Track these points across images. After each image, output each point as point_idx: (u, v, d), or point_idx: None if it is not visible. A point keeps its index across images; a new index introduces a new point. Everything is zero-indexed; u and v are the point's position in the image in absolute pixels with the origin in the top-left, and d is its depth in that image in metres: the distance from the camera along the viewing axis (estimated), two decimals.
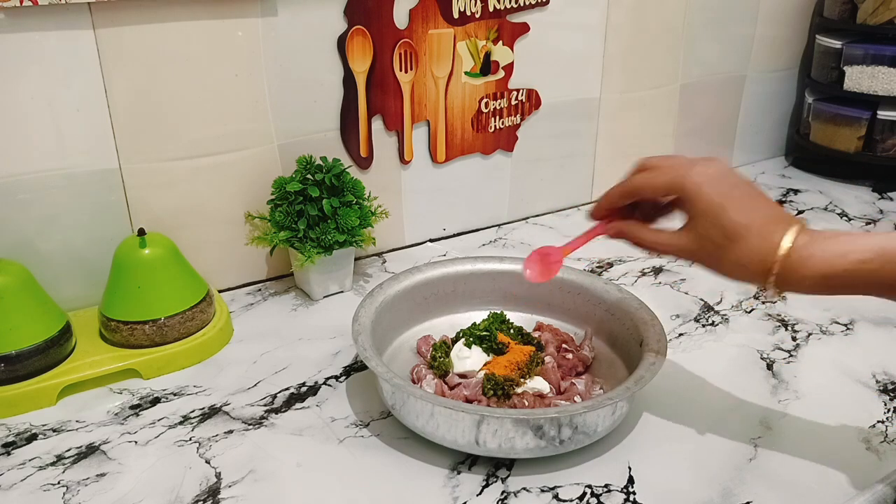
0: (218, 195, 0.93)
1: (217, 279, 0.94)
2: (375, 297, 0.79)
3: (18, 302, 0.75)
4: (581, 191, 1.24)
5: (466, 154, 1.10)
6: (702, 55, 1.26)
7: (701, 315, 0.91)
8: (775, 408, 0.74)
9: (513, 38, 1.07)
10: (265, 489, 0.64)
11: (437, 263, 0.87)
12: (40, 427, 0.72)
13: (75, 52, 0.79)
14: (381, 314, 0.78)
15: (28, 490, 0.64)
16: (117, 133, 0.84)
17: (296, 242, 0.90)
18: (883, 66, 1.23)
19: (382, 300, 0.79)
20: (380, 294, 0.80)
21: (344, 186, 0.92)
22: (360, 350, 0.70)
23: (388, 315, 0.79)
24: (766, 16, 1.31)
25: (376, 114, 1.00)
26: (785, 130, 1.47)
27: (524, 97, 1.11)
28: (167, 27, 0.83)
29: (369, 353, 0.70)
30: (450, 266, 0.87)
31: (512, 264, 0.86)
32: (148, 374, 0.79)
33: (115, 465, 0.67)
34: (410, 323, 0.84)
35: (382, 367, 0.68)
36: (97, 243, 0.85)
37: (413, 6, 0.97)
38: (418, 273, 0.84)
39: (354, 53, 0.95)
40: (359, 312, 0.76)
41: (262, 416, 0.73)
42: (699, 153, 1.36)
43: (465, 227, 1.15)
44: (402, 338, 0.83)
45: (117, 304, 0.79)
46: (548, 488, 0.64)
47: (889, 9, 1.21)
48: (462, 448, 0.66)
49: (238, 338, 0.87)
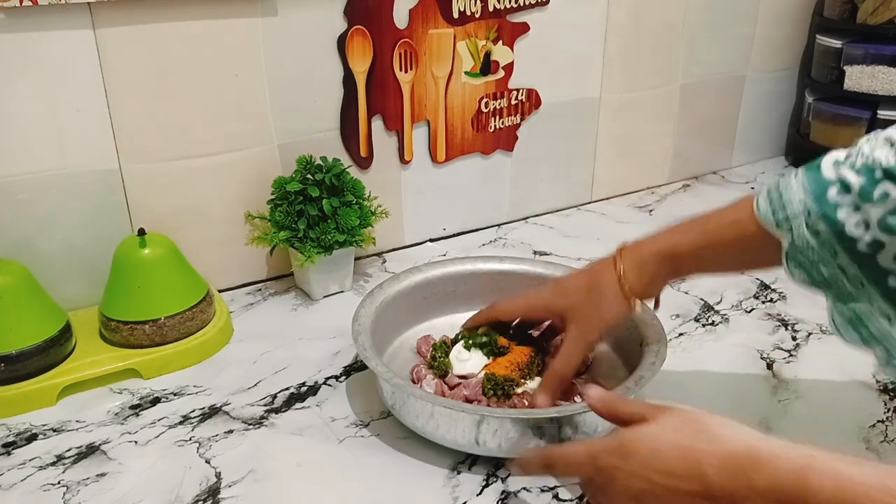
0: (218, 195, 0.93)
1: (217, 279, 0.94)
2: (375, 297, 0.79)
3: (18, 302, 0.75)
4: (581, 191, 1.24)
5: (466, 154, 1.10)
6: (702, 55, 1.26)
7: (701, 315, 0.91)
8: (775, 408, 0.74)
9: (513, 37, 1.07)
10: (265, 489, 0.64)
11: (437, 263, 0.87)
12: (40, 427, 0.72)
13: (75, 52, 0.79)
14: (381, 314, 0.78)
15: (28, 490, 0.64)
16: (117, 133, 0.84)
17: (296, 242, 0.90)
18: (883, 65, 1.23)
19: (382, 300, 0.79)
20: (380, 294, 0.80)
21: (344, 186, 0.92)
22: (360, 350, 0.70)
23: (388, 315, 0.79)
24: (766, 16, 1.31)
25: (376, 114, 1.00)
26: (785, 130, 1.46)
27: (524, 97, 1.11)
28: (167, 27, 0.83)
29: (369, 352, 0.70)
30: (450, 266, 0.87)
31: (512, 264, 0.86)
32: (148, 374, 0.79)
33: (115, 465, 0.67)
34: (410, 323, 0.84)
35: (382, 367, 0.68)
36: (97, 243, 0.85)
37: (413, 6, 0.97)
38: (418, 273, 0.84)
39: (354, 53, 0.95)
40: (359, 312, 0.76)
41: (262, 416, 0.73)
42: (699, 153, 1.37)
43: (465, 227, 1.15)
44: (402, 338, 0.83)
45: (117, 303, 0.79)
46: (548, 488, 0.64)
47: (889, 8, 1.21)
48: (462, 448, 0.66)
49: (238, 338, 0.87)
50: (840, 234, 0.55)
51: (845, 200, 0.54)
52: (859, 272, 0.55)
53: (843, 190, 0.54)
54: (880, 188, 0.52)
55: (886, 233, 0.52)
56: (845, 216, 0.54)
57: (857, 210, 0.54)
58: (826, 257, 0.56)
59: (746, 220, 0.60)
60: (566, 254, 1.06)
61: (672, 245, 0.65)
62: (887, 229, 0.52)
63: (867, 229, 0.53)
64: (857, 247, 0.54)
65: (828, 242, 0.55)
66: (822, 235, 0.55)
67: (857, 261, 0.55)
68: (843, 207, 0.54)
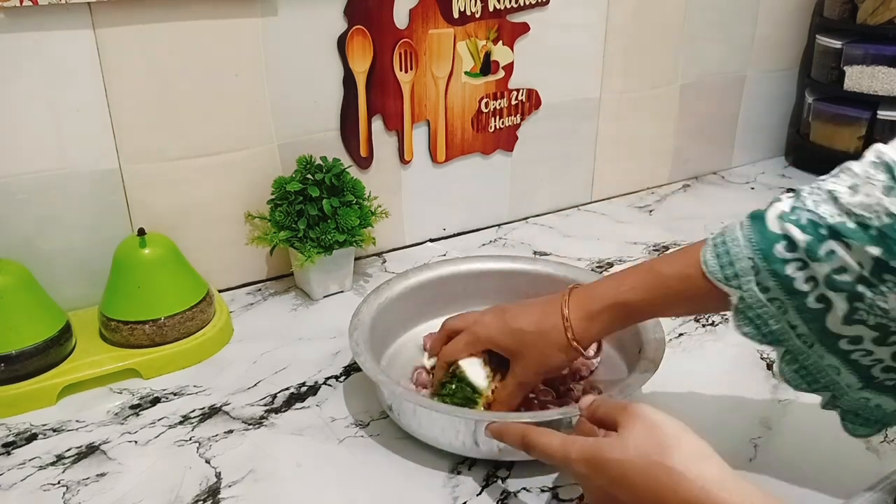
0: (218, 195, 0.93)
1: (217, 279, 0.94)
2: (375, 297, 0.80)
3: (18, 302, 0.75)
4: (581, 191, 1.24)
5: (466, 154, 1.10)
6: (702, 55, 1.26)
7: (701, 315, 0.91)
8: (775, 408, 0.74)
9: (513, 37, 1.07)
10: (265, 489, 0.64)
11: (438, 263, 0.87)
12: (40, 427, 0.72)
13: (75, 52, 0.79)
14: (380, 314, 0.78)
15: (28, 490, 0.64)
16: (117, 133, 0.84)
17: (296, 242, 0.90)
18: (883, 66, 1.23)
19: (383, 299, 0.80)
20: (381, 294, 0.80)
21: (344, 186, 0.92)
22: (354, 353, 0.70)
23: (388, 315, 0.79)
24: (766, 16, 1.31)
25: (376, 114, 1.00)
26: (785, 130, 1.46)
27: (524, 97, 1.11)
28: (167, 27, 0.83)
29: (364, 355, 0.70)
30: (450, 266, 0.87)
31: (512, 263, 0.86)
32: (148, 374, 0.79)
33: (115, 465, 0.67)
34: (410, 323, 0.84)
35: (382, 375, 0.68)
36: (97, 243, 0.85)
37: (413, 6, 0.97)
38: (418, 273, 0.85)
39: (354, 53, 0.95)
40: (357, 312, 0.76)
41: (262, 415, 0.73)
42: (699, 153, 1.37)
43: (465, 227, 1.14)
44: (402, 338, 0.83)
45: (117, 303, 0.79)
46: (548, 488, 0.64)
47: (889, 9, 1.21)
48: (460, 452, 0.66)
49: (238, 338, 0.87)
50: (789, 290, 0.55)
51: (792, 256, 0.54)
52: (808, 331, 0.56)
53: (790, 247, 0.54)
54: (826, 246, 0.52)
55: (833, 290, 0.53)
56: (793, 272, 0.54)
57: (804, 267, 0.54)
58: (776, 313, 0.57)
59: (696, 276, 0.59)
60: (566, 254, 1.06)
61: (622, 295, 0.64)
62: (833, 287, 0.53)
63: (816, 286, 0.54)
64: (806, 302, 0.55)
65: (777, 298, 0.56)
66: (772, 291, 0.56)
67: (806, 319, 0.55)
68: (790, 263, 0.54)
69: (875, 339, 0.54)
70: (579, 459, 0.52)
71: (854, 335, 0.54)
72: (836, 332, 0.55)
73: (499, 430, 0.61)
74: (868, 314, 0.52)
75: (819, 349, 0.57)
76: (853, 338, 0.54)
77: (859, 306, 0.52)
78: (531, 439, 0.57)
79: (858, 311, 0.52)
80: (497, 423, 0.61)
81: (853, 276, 0.51)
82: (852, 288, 0.52)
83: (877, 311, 0.52)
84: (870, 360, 0.55)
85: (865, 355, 0.55)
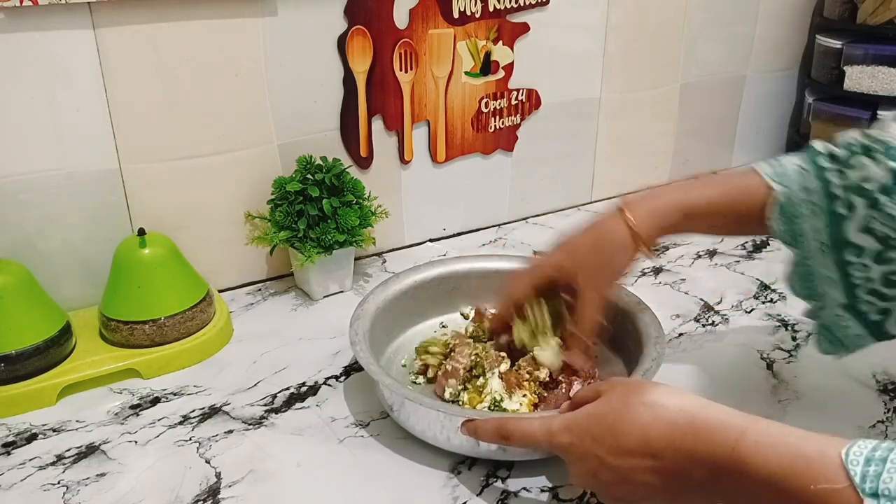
0: (218, 195, 0.93)
1: (217, 279, 0.94)
2: (374, 298, 0.80)
3: (18, 302, 0.75)
4: (581, 191, 1.24)
5: (466, 154, 1.10)
6: (702, 55, 1.26)
7: (701, 315, 0.91)
8: (775, 408, 0.74)
9: (513, 38, 1.07)
10: (265, 489, 0.64)
11: (438, 263, 0.87)
12: (40, 427, 0.72)
13: (75, 52, 0.79)
14: (379, 314, 0.78)
15: (28, 490, 0.64)
16: (117, 133, 0.84)
17: (296, 242, 0.90)
18: (883, 66, 1.23)
19: (383, 299, 0.80)
20: (380, 293, 0.80)
21: (344, 186, 0.92)
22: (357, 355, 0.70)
23: (387, 314, 0.80)
24: (766, 16, 1.31)
25: (376, 114, 1.00)
26: (785, 130, 1.46)
27: (524, 97, 1.11)
28: (167, 27, 0.83)
29: (366, 356, 0.70)
30: (450, 265, 0.87)
31: (512, 263, 0.86)
32: (148, 374, 0.79)
33: (115, 464, 0.67)
34: (409, 324, 0.84)
35: (383, 375, 0.68)
36: (97, 243, 0.85)
37: (413, 6, 0.97)
38: (418, 272, 0.85)
39: (354, 53, 0.95)
40: (357, 312, 0.76)
41: (262, 415, 0.73)
42: (699, 153, 1.37)
43: (465, 227, 1.15)
44: (401, 338, 0.83)
45: (117, 303, 0.79)
46: (548, 488, 0.64)
47: (889, 9, 1.21)
48: (460, 451, 0.66)
49: (238, 338, 0.87)
50: (827, 192, 0.63)
51: (832, 166, 0.63)
52: (827, 237, 0.63)
53: (832, 160, 0.63)
54: (858, 160, 0.61)
55: (858, 196, 0.60)
56: (832, 177, 0.63)
57: (840, 174, 0.62)
58: (808, 215, 0.64)
59: (756, 185, 0.66)
60: None
61: (690, 200, 0.68)
62: (860, 193, 0.60)
63: (846, 191, 0.62)
64: (835, 206, 0.62)
65: (813, 202, 0.64)
66: (812, 193, 0.64)
67: (830, 222, 0.63)
68: (830, 171, 0.63)
69: (876, 255, 0.60)
70: (561, 429, 0.54)
71: (861, 245, 0.61)
72: (848, 240, 0.62)
73: (473, 427, 0.61)
74: (879, 223, 0.59)
75: (828, 255, 0.64)
76: (859, 249, 0.61)
77: (874, 215, 0.59)
78: (508, 428, 0.57)
79: (873, 220, 0.60)
80: (470, 420, 0.61)
81: (876, 186, 0.59)
82: (873, 195, 0.59)
83: (886, 220, 0.59)
84: (861, 277, 0.62)
85: (861, 269, 0.62)
